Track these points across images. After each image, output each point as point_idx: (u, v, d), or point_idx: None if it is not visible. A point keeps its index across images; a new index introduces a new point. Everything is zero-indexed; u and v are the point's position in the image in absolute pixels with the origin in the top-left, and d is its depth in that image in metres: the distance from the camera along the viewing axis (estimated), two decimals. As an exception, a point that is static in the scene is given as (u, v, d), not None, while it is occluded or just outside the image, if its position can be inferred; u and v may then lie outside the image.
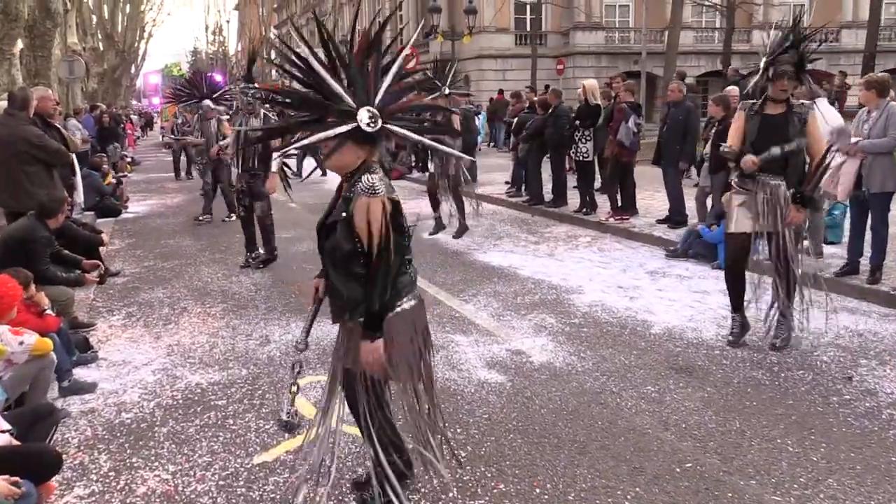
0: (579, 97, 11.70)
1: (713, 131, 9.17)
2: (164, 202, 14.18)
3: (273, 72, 58.97)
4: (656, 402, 4.41)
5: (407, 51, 3.05)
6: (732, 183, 5.43)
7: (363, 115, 2.75)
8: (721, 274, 7.62)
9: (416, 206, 11.89)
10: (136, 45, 50.42)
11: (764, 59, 5.10)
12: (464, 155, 2.86)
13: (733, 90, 9.72)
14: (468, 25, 23.11)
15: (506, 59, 34.08)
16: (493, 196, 13.34)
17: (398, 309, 2.91)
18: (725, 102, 8.77)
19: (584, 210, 11.04)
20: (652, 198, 11.59)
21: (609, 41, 35.36)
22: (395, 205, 2.86)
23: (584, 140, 10.91)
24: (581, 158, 10.92)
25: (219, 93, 11.96)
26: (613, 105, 10.44)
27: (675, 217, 9.74)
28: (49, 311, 4.77)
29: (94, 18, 39.05)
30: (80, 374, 4.99)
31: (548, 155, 11.75)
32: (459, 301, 6.66)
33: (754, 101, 5.30)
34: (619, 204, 10.35)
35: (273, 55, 60.81)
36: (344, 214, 2.86)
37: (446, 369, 4.97)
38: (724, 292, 6.89)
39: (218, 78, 18.36)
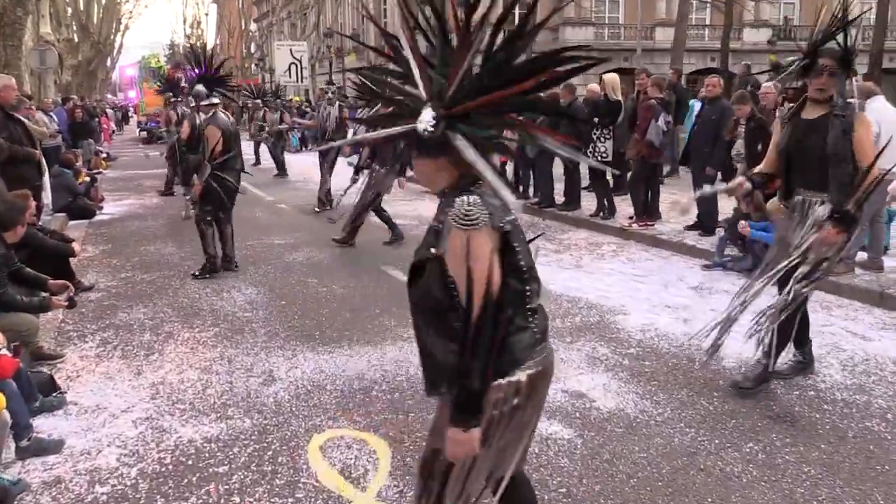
0: (590, 93, 10.92)
1: (744, 130, 8.41)
2: (143, 202, 13.12)
3: (253, 66, 57.72)
4: (768, 468, 3.54)
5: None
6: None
7: (425, 116, 1.91)
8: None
9: (413, 208, 11.05)
10: (111, 37, 48.89)
11: (803, 53, 4.26)
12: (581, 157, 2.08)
13: (767, 87, 8.92)
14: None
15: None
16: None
17: (507, 380, 2.05)
18: (744, 99, 8.02)
19: (602, 214, 10.19)
20: (671, 200, 10.77)
21: (599, 37, 34.68)
22: (507, 236, 1.97)
23: (602, 139, 10.08)
24: (599, 158, 10.08)
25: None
26: (637, 102, 9.58)
27: (707, 223, 8.92)
28: (5, 351, 3.81)
29: (69, 9, 37.60)
30: (45, 424, 4.03)
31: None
32: (491, 325, 5.76)
33: (792, 106, 4.49)
34: (643, 209, 9.52)
35: (253, 49, 59.69)
36: (433, 251, 1.98)
37: (495, 418, 4.07)
38: (787, 313, 6.15)
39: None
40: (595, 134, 10.05)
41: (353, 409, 4.21)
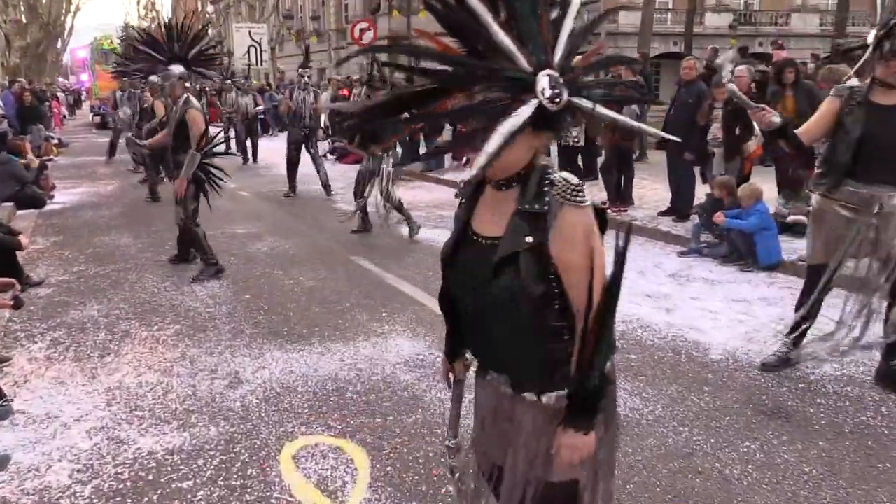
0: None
1: (721, 113, 8.30)
2: (97, 189, 12.57)
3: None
4: (768, 468, 3.37)
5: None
6: (816, 192, 4.31)
7: (543, 84, 1.62)
8: (758, 278, 6.77)
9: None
10: (62, 18, 47.24)
11: (874, 32, 4.02)
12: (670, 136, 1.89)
13: (740, 70, 8.80)
14: None
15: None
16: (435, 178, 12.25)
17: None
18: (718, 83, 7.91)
19: (574, 200, 10.01)
20: (641, 185, 10.60)
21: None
22: (601, 215, 1.83)
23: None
24: (571, 143, 9.90)
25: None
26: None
27: (681, 209, 8.79)
28: (-61, 359, 3.45)
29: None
30: (-13, 438, 3.70)
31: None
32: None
33: (853, 86, 4.22)
34: (616, 194, 9.36)
35: (210, 32, 58.09)
36: (529, 241, 1.72)
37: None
38: (766, 300, 6.02)
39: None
40: (566, 118, 9.84)
41: (328, 413, 3.94)
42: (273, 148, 16.25)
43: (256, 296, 6.13)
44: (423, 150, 14.29)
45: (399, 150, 9.49)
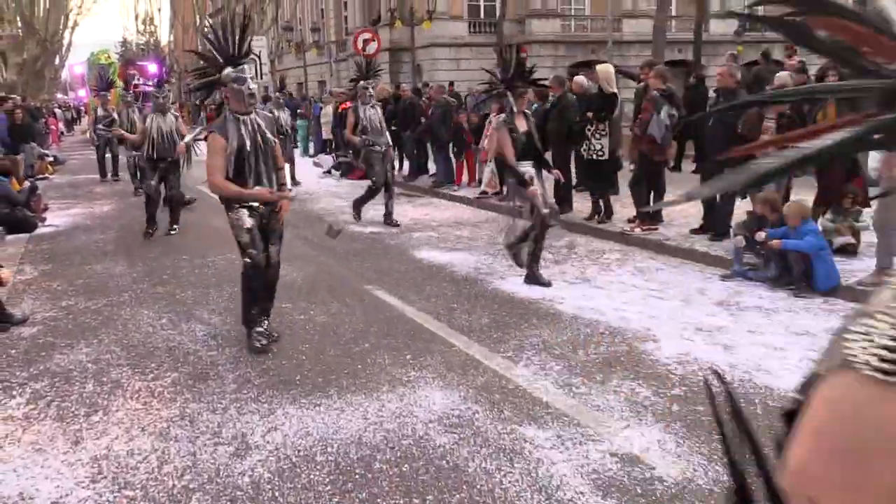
0: (577, 87, 10.21)
1: (773, 125, 7.69)
2: (91, 210, 11.98)
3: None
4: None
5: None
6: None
7: None
8: (815, 304, 6.13)
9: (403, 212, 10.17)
10: (59, 34, 46.81)
11: None
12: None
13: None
14: (428, 9, 21.23)
15: (459, 48, 32.30)
16: (477, 199, 11.61)
17: None
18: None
19: (597, 217, 9.41)
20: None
21: (566, 29, 34.16)
22: None
23: (598, 135, 9.27)
24: (595, 157, 9.29)
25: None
26: (640, 95, 8.81)
27: (716, 226, 8.16)
28: None
29: (13, 4, 35.73)
30: (-55, 530, 3.06)
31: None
32: (504, 361, 4.87)
33: None
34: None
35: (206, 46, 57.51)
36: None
37: (537, 496, 3.20)
38: (832, 332, 5.39)
39: (152, 67, 16.26)
40: (589, 130, 9.25)
41: (354, 492, 3.30)
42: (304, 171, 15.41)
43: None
44: (432, 164, 13.69)
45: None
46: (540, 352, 5.02)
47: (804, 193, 7.66)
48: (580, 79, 10.72)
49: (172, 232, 9.53)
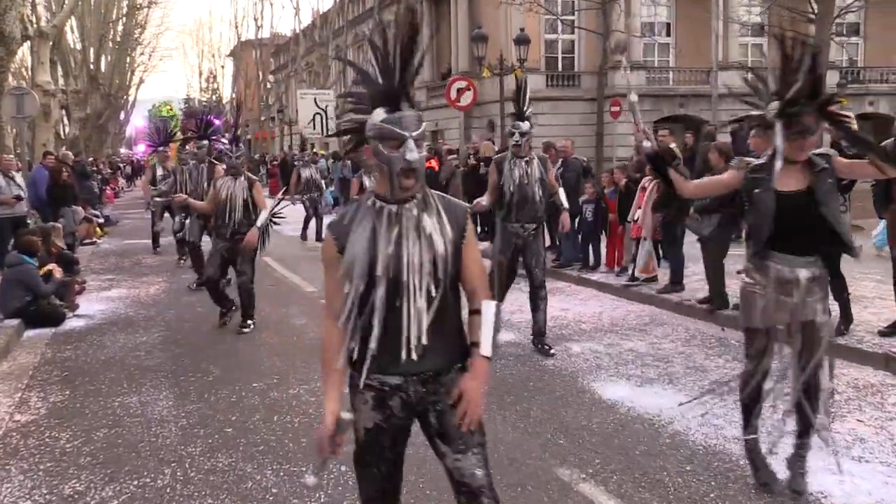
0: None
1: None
2: (136, 292, 9.70)
3: (271, 119, 55.00)
4: None
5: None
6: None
7: None
8: None
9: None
10: (125, 89, 46.57)
11: None
12: None
13: None
14: (519, 57, 19.04)
15: (537, 103, 30.06)
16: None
17: None
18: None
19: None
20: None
21: (651, 82, 31.80)
22: None
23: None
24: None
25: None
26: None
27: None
28: None
29: (79, 57, 35.18)
30: None
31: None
32: None
33: None
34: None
35: (271, 100, 56.88)
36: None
37: None
38: None
39: (216, 121, 14.46)
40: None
41: None
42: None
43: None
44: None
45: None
46: None
47: None
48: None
49: (245, 330, 7.21)
